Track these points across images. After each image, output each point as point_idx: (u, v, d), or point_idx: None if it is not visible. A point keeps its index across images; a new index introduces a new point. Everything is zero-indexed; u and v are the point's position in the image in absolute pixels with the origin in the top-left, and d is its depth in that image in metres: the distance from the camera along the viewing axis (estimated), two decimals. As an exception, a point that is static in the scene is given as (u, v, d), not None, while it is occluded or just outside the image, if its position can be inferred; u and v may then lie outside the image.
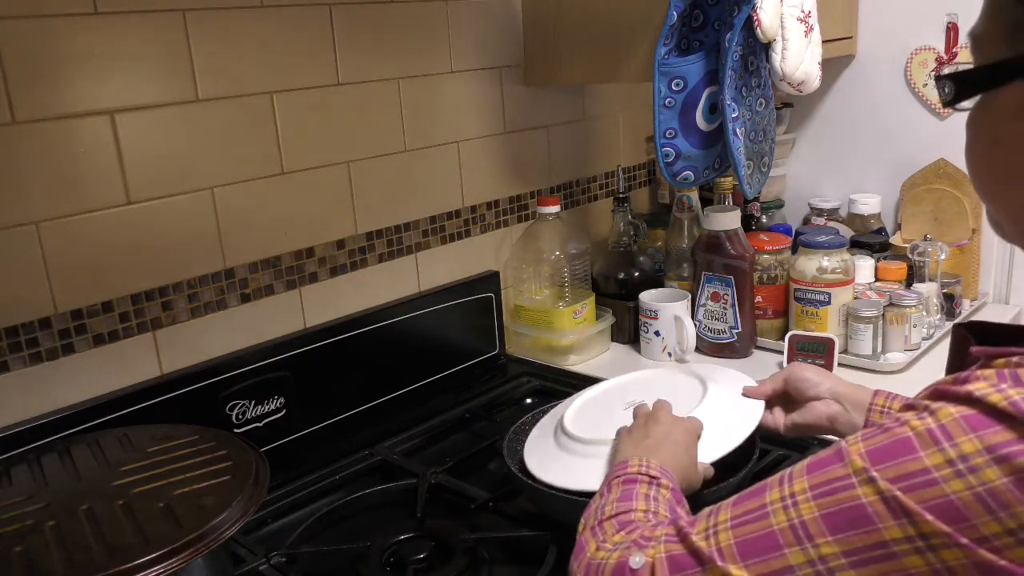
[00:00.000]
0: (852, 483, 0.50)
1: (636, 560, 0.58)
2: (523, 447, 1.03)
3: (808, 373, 0.94)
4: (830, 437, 0.94)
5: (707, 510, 0.59)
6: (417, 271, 1.38)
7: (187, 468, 0.84)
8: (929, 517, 0.47)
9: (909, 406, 0.53)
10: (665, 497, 0.70)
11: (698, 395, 0.98)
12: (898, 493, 0.48)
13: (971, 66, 0.55)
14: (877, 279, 1.50)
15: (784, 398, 0.97)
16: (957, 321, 0.73)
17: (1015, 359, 0.50)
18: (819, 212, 1.69)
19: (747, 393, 0.98)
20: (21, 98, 0.93)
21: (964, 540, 0.46)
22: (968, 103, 0.55)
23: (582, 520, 0.71)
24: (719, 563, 0.53)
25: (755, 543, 0.52)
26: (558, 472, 0.93)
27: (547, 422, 1.07)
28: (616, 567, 0.59)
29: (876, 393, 0.90)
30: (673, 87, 1.24)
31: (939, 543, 0.47)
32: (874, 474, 0.49)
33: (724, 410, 0.95)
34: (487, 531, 0.98)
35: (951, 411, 0.49)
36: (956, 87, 0.54)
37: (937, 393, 0.52)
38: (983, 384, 0.49)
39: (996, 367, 0.51)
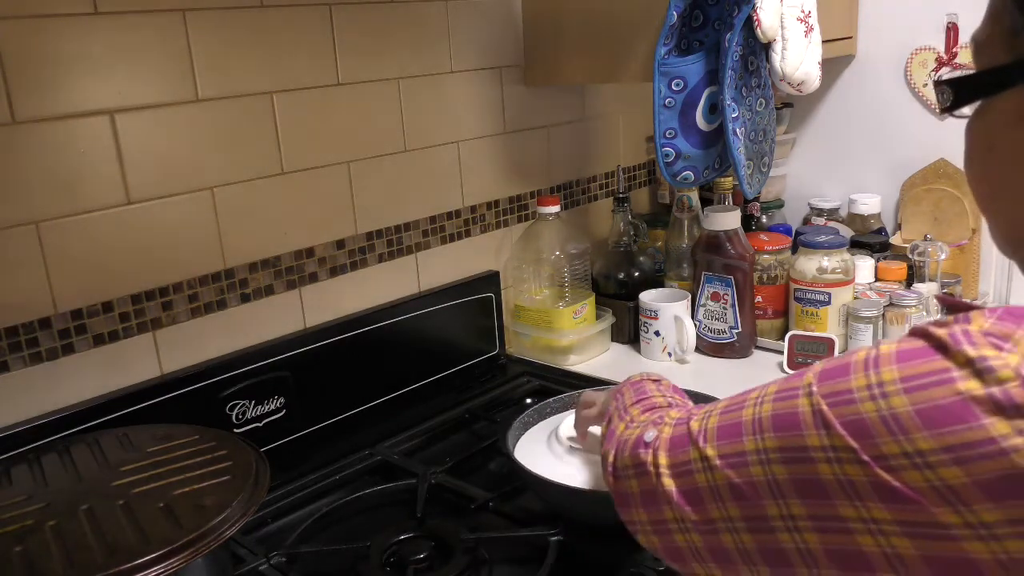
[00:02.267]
0: (798, 393, 0.55)
1: (650, 434, 0.67)
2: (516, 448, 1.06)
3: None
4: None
5: (712, 403, 0.66)
6: (417, 271, 1.38)
7: (187, 468, 0.84)
8: (841, 431, 0.51)
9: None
10: (671, 386, 0.83)
11: None
12: (824, 406, 0.53)
13: (971, 71, 0.54)
14: (877, 279, 1.50)
15: None
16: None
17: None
18: (819, 212, 1.69)
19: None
20: (21, 98, 0.93)
21: (865, 457, 0.50)
22: (967, 109, 0.55)
23: (607, 415, 0.80)
24: (701, 443, 0.61)
25: (727, 429, 0.60)
26: (559, 476, 0.96)
27: (538, 434, 1.09)
28: (636, 440, 0.68)
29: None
30: (673, 87, 1.24)
31: (845, 457, 0.51)
32: (814, 388, 0.54)
33: None
34: (487, 531, 0.98)
35: (893, 345, 0.52)
36: (955, 92, 0.54)
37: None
38: (941, 327, 0.51)
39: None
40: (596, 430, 0.96)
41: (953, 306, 0.57)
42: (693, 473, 0.61)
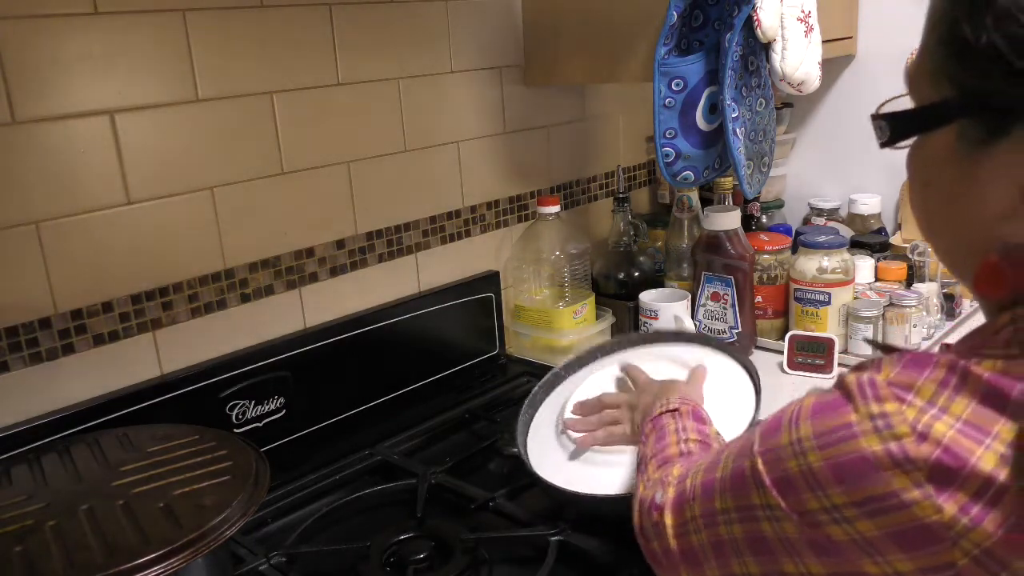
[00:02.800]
0: (747, 451, 0.57)
1: (659, 496, 0.68)
2: (527, 445, 1.05)
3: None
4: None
5: (706, 455, 0.68)
6: (417, 271, 1.38)
7: (187, 468, 0.84)
8: (772, 489, 0.53)
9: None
10: (690, 425, 0.83)
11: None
12: (760, 465, 0.54)
13: (903, 108, 0.55)
14: (877, 279, 1.50)
15: None
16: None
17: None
18: (819, 212, 1.69)
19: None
20: (21, 98, 0.93)
21: (793, 514, 0.52)
22: (905, 143, 0.56)
23: (636, 466, 0.83)
24: (691, 503, 0.63)
25: (705, 488, 0.61)
26: (573, 480, 0.97)
27: (546, 418, 1.08)
28: (651, 503, 0.69)
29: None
30: (673, 87, 1.24)
31: (780, 514, 0.53)
32: (755, 448, 0.56)
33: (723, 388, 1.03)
34: (487, 531, 0.98)
35: (812, 398, 0.54)
36: (890, 128, 0.55)
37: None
38: (851, 374, 0.53)
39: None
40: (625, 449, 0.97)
41: (886, 349, 0.60)
42: (689, 533, 0.63)
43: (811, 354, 1.35)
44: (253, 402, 1.14)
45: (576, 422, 1.03)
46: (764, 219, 1.72)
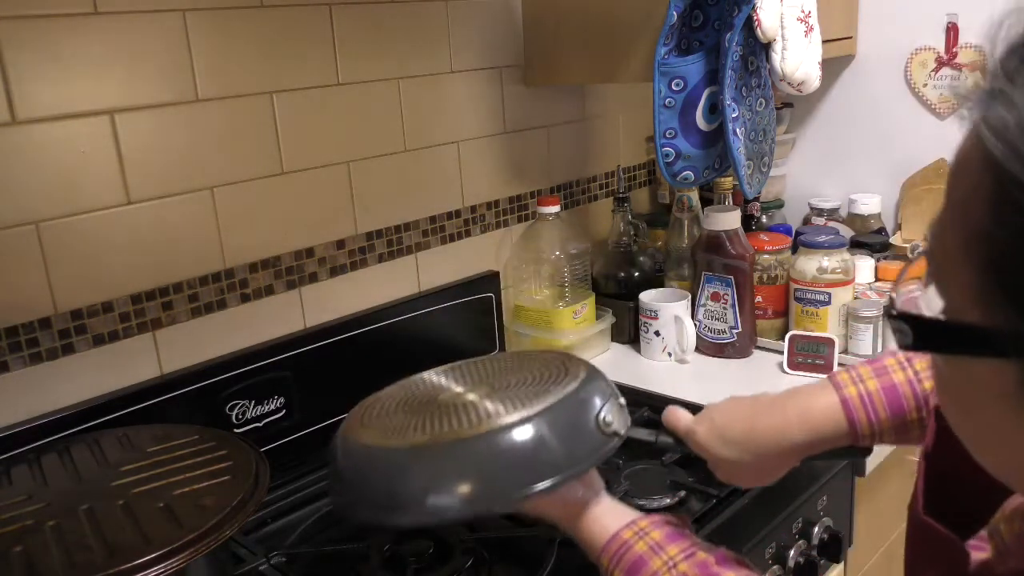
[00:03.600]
0: None
1: None
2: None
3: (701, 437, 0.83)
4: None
5: None
6: (417, 271, 1.38)
7: (187, 468, 0.84)
8: None
9: None
10: (672, 548, 0.68)
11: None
12: None
13: (939, 319, 0.41)
14: (877, 279, 1.50)
15: None
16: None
17: None
18: (819, 212, 1.69)
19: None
20: (21, 98, 0.93)
21: None
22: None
23: None
24: None
25: None
26: None
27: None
28: None
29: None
30: (673, 87, 1.24)
31: None
32: None
33: None
34: (487, 531, 0.98)
35: None
36: (917, 337, 0.41)
37: None
38: None
39: None
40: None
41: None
42: None
43: (811, 354, 1.35)
44: (253, 402, 1.14)
45: None
46: (764, 219, 1.72)
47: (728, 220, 1.42)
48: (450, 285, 1.41)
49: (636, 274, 1.56)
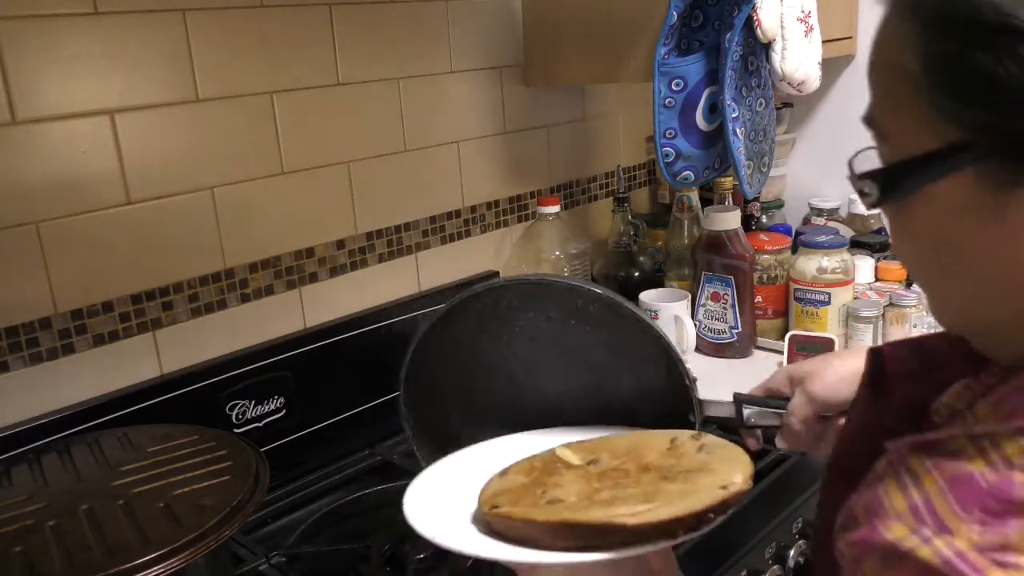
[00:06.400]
0: None
1: None
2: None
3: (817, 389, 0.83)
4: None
5: None
6: (417, 271, 1.38)
7: (187, 468, 0.84)
8: None
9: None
10: None
11: None
12: None
13: (894, 161, 0.48)
14: (877, 279, 1.50)
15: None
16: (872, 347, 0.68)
17: (918, 458, 0.45)
18: (819, 212, 1.69)
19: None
20: (21, 98, 0.93)
21: None
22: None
23: None
24: None
25: None
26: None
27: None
28: None
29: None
30: (673, 87, 1.24)
31: None
32: None
33: None
34: (487, 531, 0.98)
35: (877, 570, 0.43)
36: (881, 185, 0.48)
37: (857, 543, 0.45)
38: (899, 527, 0.43)
39: (908, 473, 0.45)
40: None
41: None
42: None
43: (811, 354, 1.35)
44: (253, 402, 1.14)
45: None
46: (764, 219, 1.72)
47: (728, 220, 1.42)
48: (450, 285, 1.41)
49: (636, 274, 1.56)
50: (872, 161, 0.50)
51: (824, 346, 1.34)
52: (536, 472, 0.78)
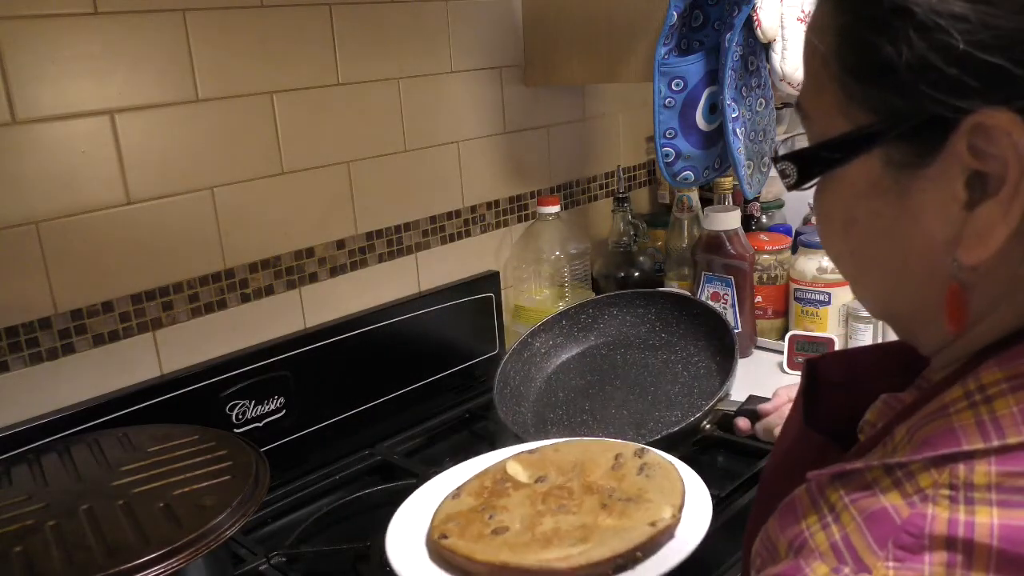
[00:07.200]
0: None
1: None
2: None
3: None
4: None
5: None
6: (417, 271, 1.38)
7: (187, 468, 0.84)
8: None
9: None
10: None
11: None
12: None
13: (811, 144, 0.49)
14: (877, 279, 1.50)
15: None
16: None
17: (845, 491, 0.44)
18: (819, 212, 1.69)
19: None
20: (21, 98, 0.93)
21: None
22: (811, 183, 0.51)
23: None
24: None
25: None
26: None
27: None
28: None
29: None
30: (673, 87, 1.24)
31: None
32: None
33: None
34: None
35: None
36: (799, 168, 0.49)
37: None
38: (821, 567, 0.42)
39: (828, 507, 0.44)
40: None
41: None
42: None
43: (811, 354, 1.35)
44: (253, 402, 1.14)
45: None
46: (764, 219, 1.72)
47: (728, 220, 1.42)
48: (450, 285, 1.41)
49: (636, 274, 1.56)
50: (795, 145, 0.51)
51: (824, 346, 1.34)
52: (486, 494, 0.82)
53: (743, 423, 0.99)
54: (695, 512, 0.76)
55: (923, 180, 0.43)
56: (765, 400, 0.98)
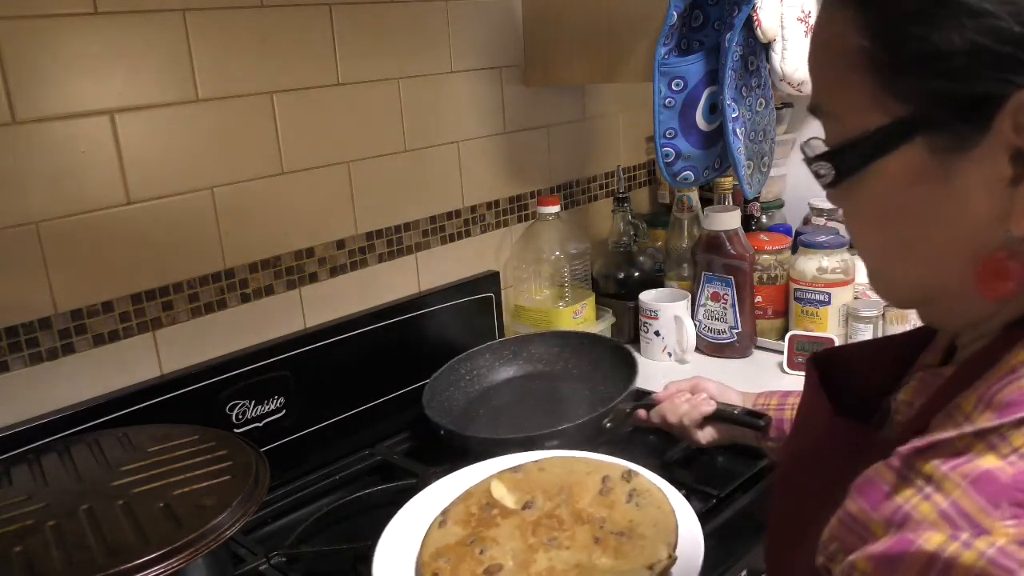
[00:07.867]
0: None
1: None
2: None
3: (710, 388, 1.07)
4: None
5: None
6: (417, 271, 1.38)
7: (187, 468, 0.84)
8: None
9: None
10: None
11: None
12: None
13: (846, 140, 0.50)
14: (877, 279, 1.50)
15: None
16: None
17: (937, 461, 0.44)
18: (819, 212, 1.69)
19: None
20: (21, 98, 0.93)
21: None
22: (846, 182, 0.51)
23: None
24: None
25: None
26: None
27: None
28: None
29: (757, 395, 1.04)
30: (673, 87, 1.24)
31: None
32: None
33: None
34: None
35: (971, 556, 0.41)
36: (836, 166, 0.50)
37: (881, 557, 0.44)
38: (936, 536, 0.42)
39: (923, 479, 0.44)
40: None
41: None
42: None
43: (811, 354, 1.35)
44: (253, 402, 1.14)
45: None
46: (764, 219, 1.72)
47: (728, 220, 1.42)
48: (450, 285, 1.41)
49: (636, 274, 1.56)
50: (823, 147, 0.52)
51: (824, 346, 1.34)
52: (473, 522, 0.81)
53: (642, 413, 1.10)
54: (688, 548, 0.76)
55: (967, 162, 0.45)
56: (654, 392, 1.11)
